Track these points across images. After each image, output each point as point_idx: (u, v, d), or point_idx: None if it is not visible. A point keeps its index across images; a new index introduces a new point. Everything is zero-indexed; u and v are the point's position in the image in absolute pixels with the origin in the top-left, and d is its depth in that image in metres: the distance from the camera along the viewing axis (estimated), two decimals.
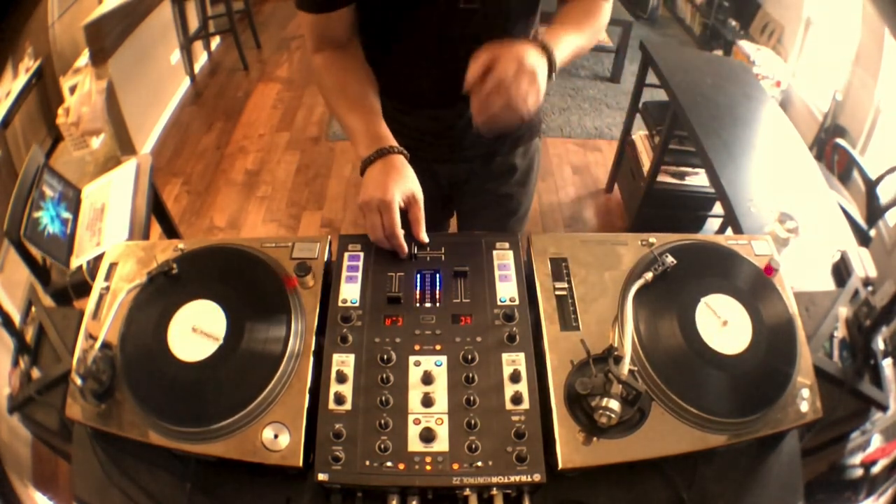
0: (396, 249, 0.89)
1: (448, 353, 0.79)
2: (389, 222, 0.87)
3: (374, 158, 0.92)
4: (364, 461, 0.72)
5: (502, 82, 0.83)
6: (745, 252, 0.91)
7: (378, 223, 0.88)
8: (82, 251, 1.36)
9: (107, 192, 1.56)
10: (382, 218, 0.88)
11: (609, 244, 0.92)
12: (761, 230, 1.49)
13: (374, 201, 0.88)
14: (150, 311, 0.83)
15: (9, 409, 0.89)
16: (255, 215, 2.75)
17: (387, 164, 0.91)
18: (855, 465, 0.91)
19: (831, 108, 2.21)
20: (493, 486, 0.71)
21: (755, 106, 2.11)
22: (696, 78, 2.19)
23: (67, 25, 2.24)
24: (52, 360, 0.92)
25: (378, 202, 0.87)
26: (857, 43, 2.12)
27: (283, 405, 0.76)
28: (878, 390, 0.90)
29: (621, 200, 2.81)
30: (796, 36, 2.88)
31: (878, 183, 1.55)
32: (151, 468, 0.80)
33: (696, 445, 0.75)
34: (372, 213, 0.88)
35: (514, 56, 0.83)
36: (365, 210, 0.90)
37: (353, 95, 0.99)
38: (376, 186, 0.89)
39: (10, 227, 1.20)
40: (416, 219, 0.90)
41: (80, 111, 1.88)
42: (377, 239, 0.89)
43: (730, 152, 1.85)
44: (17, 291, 1.09)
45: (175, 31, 3.38)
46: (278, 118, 3.34)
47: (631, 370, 0.74)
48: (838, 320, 0.97)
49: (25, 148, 1.48)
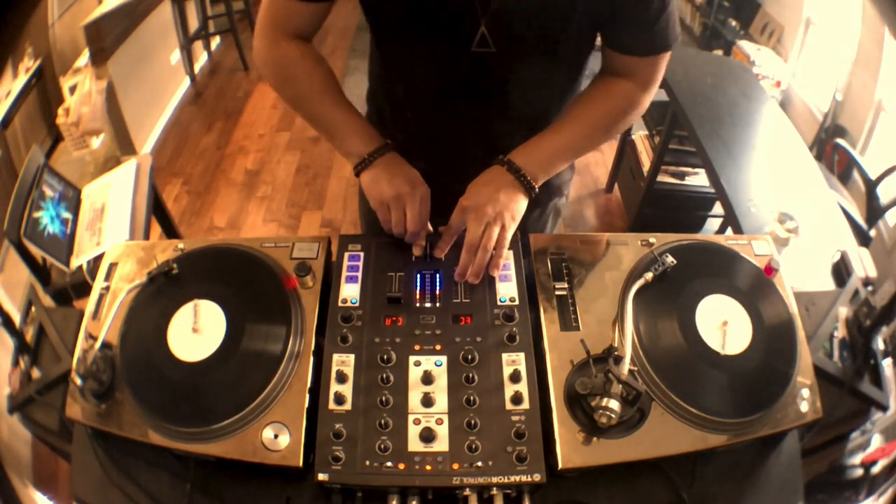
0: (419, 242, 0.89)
1: (448, 353, 0.79)
2: (423, 212, 0.88)
3: (382, 152, 0.90)
4: (364, 461, 0.72)
5: (472, 246, 0.85)
6: (745, 252, 0.91)
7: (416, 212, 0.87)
8: (82, 251, 1.36)
9: (107, 192, 1.56)
10: (418, 208, 0.87)
11: (609, 244, 0.92)
12: (761, 230, 1.49)
13: (407, 192, 0.87)
14: (150, 311, 0.83)
15: (9, 409, 0.89)
16: (255, 215, 2.75)
17: (395, 159, 0.91)
18: (855, 465, 0.91)
19: (831, 108, 2.21)
20: (493, 486, 0.71)
21: (755, 106, 2.10)
22: (696, 78, 2.19)
23: (67, 25, 2.24)
24: (52, 360, 0.92)
25: (411, 193, 0.87)
26: (857, 43, 2.12)
27: (283, 405, 0.76)
28: (878, 390, 0.90)
29: (621, 200, 2.81)
30: (796, 36, 2.88)
31: (878, 183, 1.54)
32: (151, 468, 0.80)
33: (696, 445, 0.75)
34: (402, 204, 0.87)
35: (479, 216, 0.85)
36: (392, 204, 0.88)
37: (332, 91, 0.95)
38: (401, 179, 0.88)
39: (10, 227, 1.20)
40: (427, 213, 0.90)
41: (80, 111, 1.88)
42: (413, 226, 0.87)
43: (730, 152, 1.85)
44: (17, 291, 1.09)
45: (175, 31, 3.38)
46: (278, 118, 3.34)
47: (631, 370, 0.74)
48: (838, 320, 0.97)
49: (25, 148, 1.48)
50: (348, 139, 0.93)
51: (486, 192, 0.87)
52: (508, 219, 0.87)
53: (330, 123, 0.94)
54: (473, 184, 0.90)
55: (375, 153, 0.90)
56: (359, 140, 0.92)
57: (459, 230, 0.88)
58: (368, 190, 0.91)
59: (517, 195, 0.88)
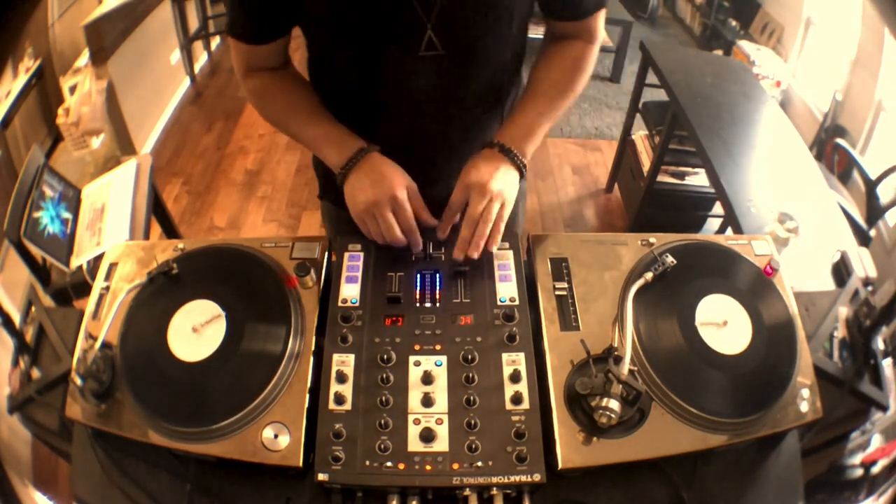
0: (413, 245, 0.88)
1: (448, 353, 0.79)
2: (406, 217, 0.86)
3: (357, 159, 0.88)
4: (364, 461, 0.72)
5: (472, 220, 0.85)
6: (745, 252, 0.91)
7: (392, 222, 0.85)
8: (82, 251, 1.36)
9: (107, 192, 1.56)
10: (397, 215, 0.86)
11: (609, 244, 0.92)
12: (761, 230, 1.49)
13: (385, 200, 0.85)
14: (150, 311, 0.83)
15: (9, 409, 0.89)
16: (255, 215, 2.75)
17: (373, 161, 0.88)
18: (855, 465, 0.91)
19: (831, 108, 2.21)
20: (493, 486, 0.71)
21: (755, 106, 2.10)
22: (696, 78, 2.19)
23: (67, 25, 2.24)
24: (52, 360, 0.92)
25: (389, 199, 0.85)
26: (857, 43, 2.12)
27: (283, 405, 0.76)
28: (878, 390, 0.90)
29: (621, 200, 2.81)
30: (796, 36, 2.88)
31: (878, 183, 1.54)
32: (151, 468, 0.80)
33: (696, 445, 0.75)
34: (384, 212, 0.85)
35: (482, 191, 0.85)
36: (374, 211, 0.85)
37: (306, 107, 0.95)
38: (378, 185, 0.85)
39: (10, 227, 1.20)
40: (422, 206, 0.89)
41: (80, 111, 1.88)
42: (393, 238, 0.86)
43: (730, 152, 1.85)
44: (17, 291, 1.09)
45: (175, 31, 3.38)
46: None
47: (631, 370, 0.74)
48: (838, 320, 0.97)
49: (25, 148, 1.48)
50: (325, 152, 0.92)
51: (487, 170, 0.87)
52: (509, 195, 0.88)
53: (307, 140, 0.95)
54: (471, 164, 0.89)
55: (351, 160, 0.88)
56: (335, 151, 0.90)
57: (461, 208, 0.88)
58: (347, 202, 0.89)
59: (511, 171, 0.90)
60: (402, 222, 0.86)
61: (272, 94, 0.96)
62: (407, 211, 0.86)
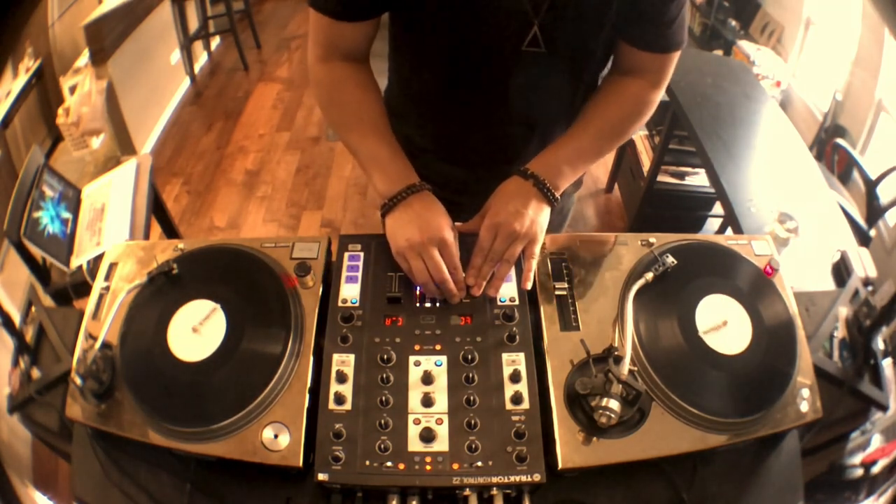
0: (451, 291, 0.83)
1: (448, 353, 0.79)
2: (451, 260, 0.83)
3: (407, 195, 0.85)
4: (364, 461, 0.72)
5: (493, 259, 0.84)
6: (745, 252, 0.91)
7: (440, 261, 0.82)
8: (82, 251, 1.36)
9: (107, 192, 1.56)
10: (444, 257, 0.82)
11: (609, 244, 0.92)
12: (761, 230, 1.49)
13: (433, 240, 0.82)
14: (150, 311, 0.83)
15: (9, 409, 0.89)
16: (255, 215, 2.75)
17: (424, 200, 0.85)
18: (855, 465, 0.91)
19: (831, 108, 2.21)
20: (493, 486, 0.71)
21: (755, 106, 2.10)
22: (696, 78, 2.19)
23: (67, 25, 2.24)
24: (52, 360, 0.92)
25: (438, 241, 0.82)
26: (857, 43, 2.12)
27: (283, 405, 0.76)
28: (878, 390, 0.90)
29: (621, 200, 2.81)
30: (796, 36, 2.88)
31: (878, 183, 1.54)
32: (151, 468, 0.80)
33: (696, 445, 0.75)
34: (431, 251, 0.82)
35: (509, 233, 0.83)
36: (418, 250, 0.82)
37: (371, 119, 0.90)
38: (426, 224, 0.82)
39: (10, 227, 1.20)
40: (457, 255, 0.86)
41: (80, 111, 1.88)
42: (441, 278, 0.82)
43: (730, 152, 1.85)
44: (17, 291, 1.09)
45: (175, 31, 3.38)
46: (278, 118, 3.34)
47: (631, 370, 0.74)
48: (838, 320, 0.97)
49: (25, 148, 1.48)
50: (375, 176, 0.88)
51: (512, 207, 0.85)
52: (537, 233, 0.86)
53: (361, 156, 0.90)
54: (497, 197, 0.87)
55: (400, 195, 0.85)
56: (386, 179, 0.87)
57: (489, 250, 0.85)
58: (388, 237, 0.87)
59: (542, 206, 0.87)
60: (448, 264, 0.83)
61: (344, 91, 0.90)
62: (452, 252, 0.83)
